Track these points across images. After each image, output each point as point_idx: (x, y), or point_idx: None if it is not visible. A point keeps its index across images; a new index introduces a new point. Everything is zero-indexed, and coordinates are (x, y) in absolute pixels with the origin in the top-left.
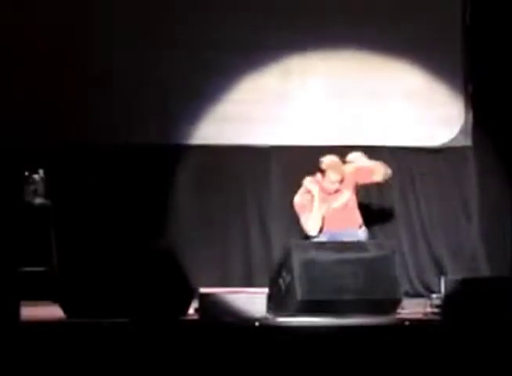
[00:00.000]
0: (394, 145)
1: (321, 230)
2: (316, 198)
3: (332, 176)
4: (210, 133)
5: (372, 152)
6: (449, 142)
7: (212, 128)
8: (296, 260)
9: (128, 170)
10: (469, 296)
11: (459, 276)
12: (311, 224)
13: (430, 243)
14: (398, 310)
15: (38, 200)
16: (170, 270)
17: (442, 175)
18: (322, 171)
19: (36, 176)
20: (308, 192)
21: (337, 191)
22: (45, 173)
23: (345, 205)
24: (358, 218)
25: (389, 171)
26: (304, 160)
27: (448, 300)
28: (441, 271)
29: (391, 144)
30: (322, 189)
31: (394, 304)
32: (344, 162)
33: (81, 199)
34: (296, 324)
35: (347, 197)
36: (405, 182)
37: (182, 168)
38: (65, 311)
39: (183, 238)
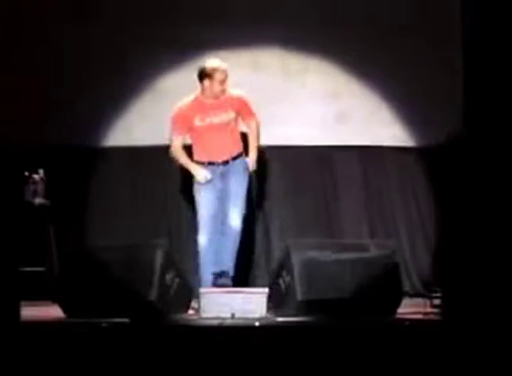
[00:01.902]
0: (394, 145)
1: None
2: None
3: (219, 75)
4: None
5: (372, 152)
6: (449, 142)
7: None
8: (296, 260)
9: (129, 170)
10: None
11: None
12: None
13: (431, 243)
14: (398, 310)
15: (38, 200)
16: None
17: (442, 174)
18: (207, 76)
19: (36, 176)
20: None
21: (219, 107)
22: (45, 173)
23: (227, 124)
24: (239, 143)
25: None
26: (304, 160)
27: (449, 300)
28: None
29: (390, 144)
30: (202, 102)
31: (394, 304)
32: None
33: (80, 199)
34: (296, 324)
35: (232, 117)
36: (404, 181)
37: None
38: (65, 311)
39: (183, 238)
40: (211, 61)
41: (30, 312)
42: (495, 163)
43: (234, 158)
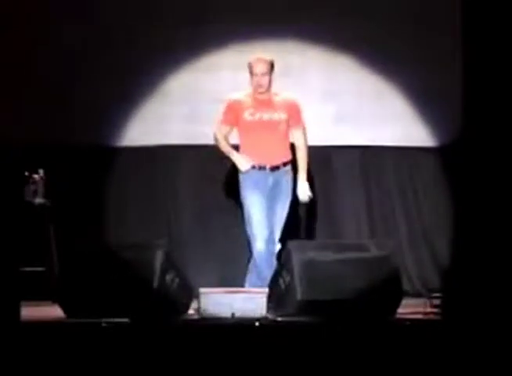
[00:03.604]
0: (394, 145)
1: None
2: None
3: (258, 68)
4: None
5: (371, 152)
6: (449, 142)
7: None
8: (296, 260)
9: (130, 170)
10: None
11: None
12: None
13: (431, 242)
14: (398, 310)
15: (38, 200)
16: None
17: (442, 174)
18: (249, 70)
19: (36, 176)
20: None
21: (271, 105)
22: (45, 173)
23: (277, 124)
24: (289, 150)
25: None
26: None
27: (449, 300)
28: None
29: (390, 144)
30: (255, 98)
31: (394, 304)
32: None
33: (80, 199)
34: (296, 324)
35: (283, 118)
36: (404, 181)
37: (185, 167)
38: (65, 311)
39: (183, 237)
40: (253, 55)
41: (30, 312)
42: (497, 162)
43: (285, 164)
